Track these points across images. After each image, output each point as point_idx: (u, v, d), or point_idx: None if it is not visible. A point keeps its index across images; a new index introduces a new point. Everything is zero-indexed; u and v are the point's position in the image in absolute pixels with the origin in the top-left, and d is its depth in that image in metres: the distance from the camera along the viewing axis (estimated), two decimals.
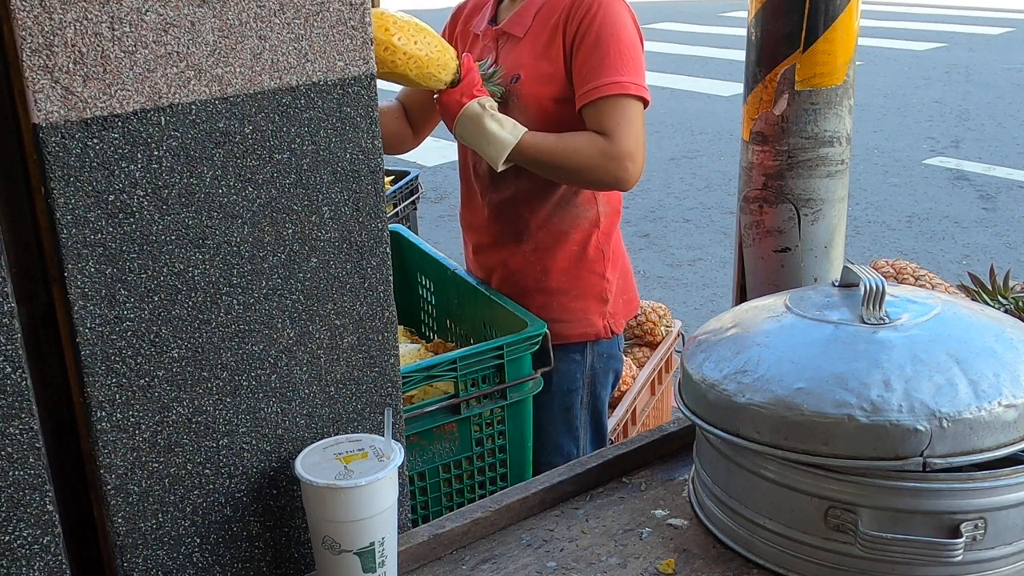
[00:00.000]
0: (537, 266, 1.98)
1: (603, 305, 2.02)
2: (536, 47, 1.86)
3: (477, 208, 2.04)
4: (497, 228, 2.01)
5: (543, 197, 1.95)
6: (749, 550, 1.25)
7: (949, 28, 12.33)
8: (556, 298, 1.98)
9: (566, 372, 2.00)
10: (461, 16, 2.09)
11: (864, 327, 1.23)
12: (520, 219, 1.97)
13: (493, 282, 2.05)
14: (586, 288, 1.99)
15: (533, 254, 1.97)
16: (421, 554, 1.29)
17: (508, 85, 1.87)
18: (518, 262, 1.99)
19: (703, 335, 1.38)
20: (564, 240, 1.97)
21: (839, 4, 2.14)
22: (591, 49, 1.79)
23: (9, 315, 0.97)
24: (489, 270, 2.06)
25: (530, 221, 1.96)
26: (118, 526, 1.11)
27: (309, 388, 1.23)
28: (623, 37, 1.80)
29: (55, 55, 0.97)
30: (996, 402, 1.12)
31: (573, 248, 1.97)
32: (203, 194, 1.09)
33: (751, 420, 1.19)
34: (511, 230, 1.99)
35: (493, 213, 2.00)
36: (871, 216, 5.79)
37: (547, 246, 1.96)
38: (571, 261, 1.98)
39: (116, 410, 1.08)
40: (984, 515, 1.12)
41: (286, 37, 1.12)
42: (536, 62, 1.86)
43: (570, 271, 1.98)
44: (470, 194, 2.07)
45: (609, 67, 1.79)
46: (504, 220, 1.99)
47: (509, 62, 1.89)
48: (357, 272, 1.24)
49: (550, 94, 1.86)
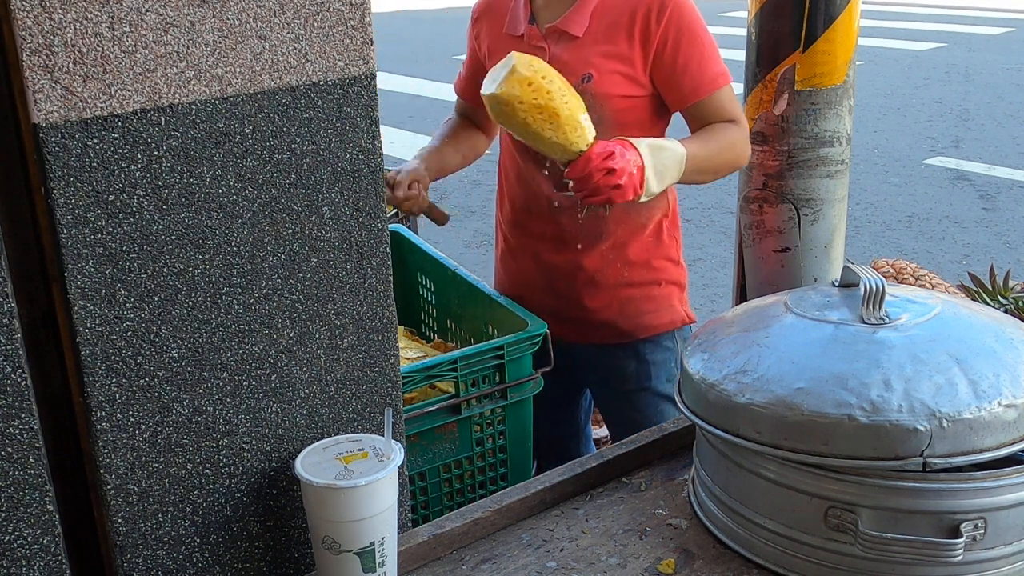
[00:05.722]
0: (618, 262, 1.95)
1: (681, 291, 2.03)
2: (602, 46, 1.85)
3: (543, 213, 1.96)
4: (568, 231, 1.94)
5: None
6: (749, 550, 1.25)
7: (949, 28, 12.32)
8: (640, 290, 1.97)
9: (663, 363, 2.00)
10: (480, 19, 2.06)
11: (864, 327, 1.23)
12: (596, 219, 1.92)
13: (560, 285, 1.98)
14: (666, 276, 1.99)
15: (612, 251, 1.94)
16: (421, 554, 1.29)
17: (579, 85, 1.82)
18: (596, 262, 1.94)
19: (703, 335, 1.38)
20: (641, 232, 1.95)
21: (839, 4, 2.14)
22: (689, 48, 1.82)
23: (9, 315, 0.97)
24: (556, 274, 1.99)
25: (609, 219, 1.92)
26: (118, 526, 1.11)
27: (309, 388, 1.23)
28: (704, 27, 1.86)
29: (55, 55, 0.97)
30: (996, 402, 1.12)
31: (649, 239, 1.96)
32: (203, 194, 1.09)
33: (751, 420, 1.19)
34: (588, 231, 1.93)
35: (563, 217, 1.93)
36: (871, 216, 5.78)
37: (624, 241, 1.94)
38: (648, 251, 1.96)
39: (116, 410, 1.08)
40: (984, 515, 1.12)
41: (286, 37, 1.12)
42: (606, 61, 1.84)
43: (649, 262, 1.97)
44: (531, 199, 1.98)
45: (709, 59, 1.84)
46: (576, 222, 1.93)
47: (572, 61, 1.85)
48: (357, 272, 1.24)
49: (622, 92, 1.85)
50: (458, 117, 2.20)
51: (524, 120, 1.66)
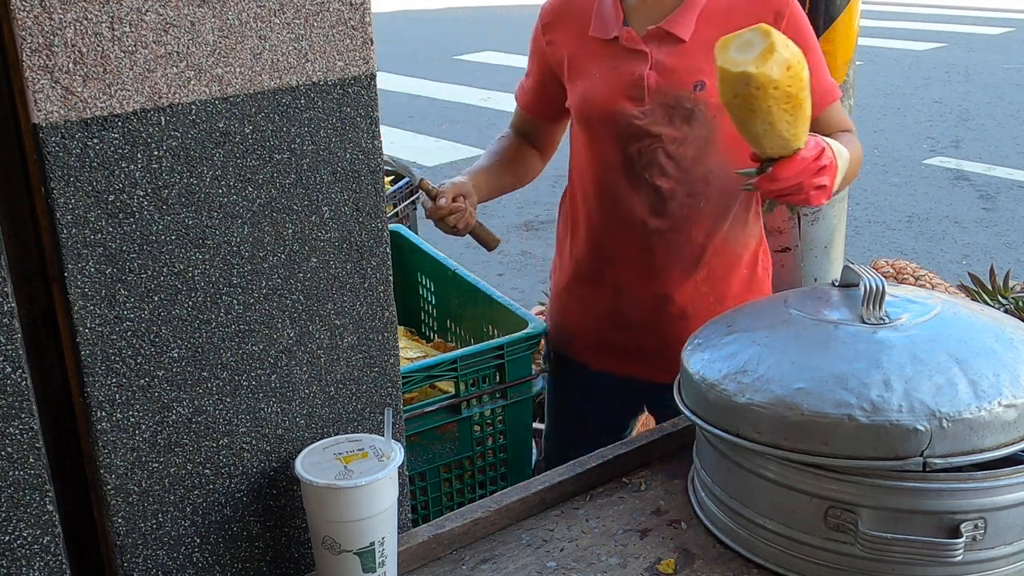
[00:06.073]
0: (711, 296, 1.79)
1: None
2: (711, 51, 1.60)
3: (633, 237, 1.78)
4: (659, 258, 1.77)
5: (720, 218, 1.76)
6: (749, 550, 1.25)
7: (949, 28, 12.32)
8: None
9: None
10: (554, 24, 1.84)
11: (864, 327, 1.23)
12: (693, 245, 1.76)
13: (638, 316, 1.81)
14: None
15: (706, 283, 1.79)
16: (421, 554, 1.29)
17: (690, 94, 1.68)
18: (687, 293, 1.78)
19: (703, 335, 1.38)
20: (737, 264, 1.80)
21: (839, 4, 2.14)
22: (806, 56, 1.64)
23: (9, 315, 0.97)
24: (637, 305, 1.81)
25: (706, 247, 1.76)
26: (118, 526, 1.11)
27: (309, 388, 1.23)
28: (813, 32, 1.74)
29: (55, 55, 0.97)
30: (996, 402, 1.12)
31: (744, 271, 1.81)
32: (203, 194, 1.09)
33: (751, 420, 1.19)
34: (681, 259, 1.77)
35: (657, 242, 1.76)
36: (871, 216, 5.78)
37: (721, 274, 1.79)
38: (743, 286, 1.82)
39: (116, 410, 1.08)
40: (984, 515, 1.12)
41: (286, 37, 1.12)
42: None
43: (743, 296, 1.81)
44: (618, 221, 1.79)
45: (824, 69, 1.73)
46: (670, 248, 1.76)
47: (679, 67, 1.69)
48: (357, 272, 1.24)
49: None
50: (514, 135, 1.99)
51: (767, 107, 1.39)
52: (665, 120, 1.70)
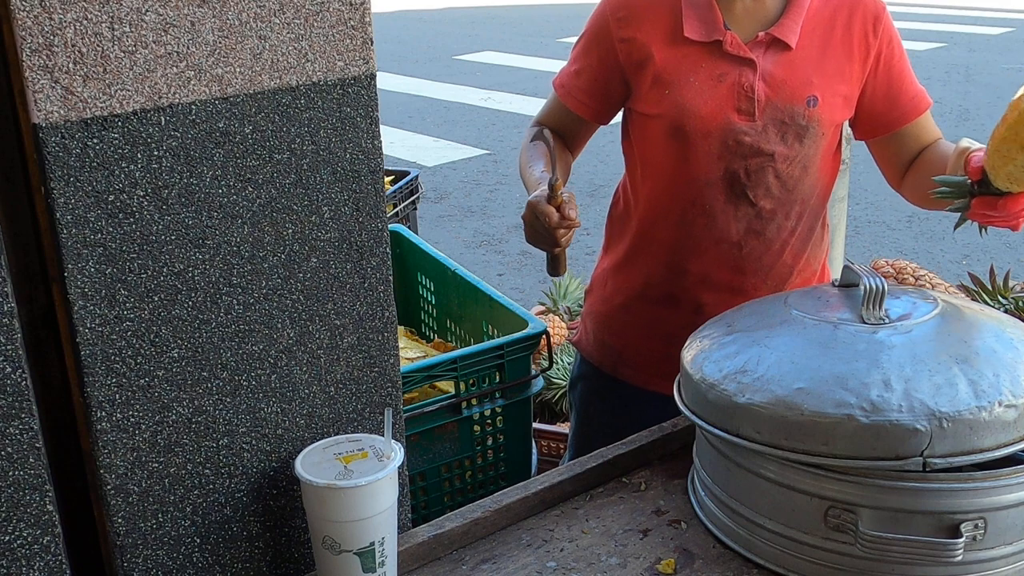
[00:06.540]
0: None
1: None
2: (821, 63, 1.60)
3: (723, 257, 1.67)
4: (750, 280, 1.68)
5: (807, 238, 1.70)
6: (749, 550, 1.25)
7: (949, 28, 12.32)
8: None
9: None
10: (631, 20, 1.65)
11: (864, 327, 1.23)
12: (784, 267, 1.68)
13: None
14: None
15: None
16: (421, 554, 1.29)
17: (804, 110, 1.57)
18: None
19: (703, 335, 1.38)
20: (812, 279, 1.74)
21: None
22: (901, 62, 1.64)
23: (9, 315, 0.97)
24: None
25: (794, 267, 1.70)
26: (118, 526, 1.11)
27: (309, 388, 1.23)
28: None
29: (55, 55, 0.97)
30: (996, 402, 1.12)
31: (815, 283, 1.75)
32: (203, 194, 1.09)
33: (751, 420, 1.19)
34: (770, 279, 1.68)
35: (749, 264, 1.67)
36: (871, 216, 5.78)
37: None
38: None
39: (116, 410, 1.08)
40: (984, 515, 1.12)
41: (286, 37, 1.12)
42: (829, 81, 1.59)
43: None
44: (705, 240, 1.67)
45: (912, 74, 1.67)
46: (761, 268, 1.68)
47: (790, 79, 1.59)
48: (357, 272, 1.24)
49: (841, 118, 1.62)
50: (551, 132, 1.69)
51: None
52: (778, 137, 1.60)
